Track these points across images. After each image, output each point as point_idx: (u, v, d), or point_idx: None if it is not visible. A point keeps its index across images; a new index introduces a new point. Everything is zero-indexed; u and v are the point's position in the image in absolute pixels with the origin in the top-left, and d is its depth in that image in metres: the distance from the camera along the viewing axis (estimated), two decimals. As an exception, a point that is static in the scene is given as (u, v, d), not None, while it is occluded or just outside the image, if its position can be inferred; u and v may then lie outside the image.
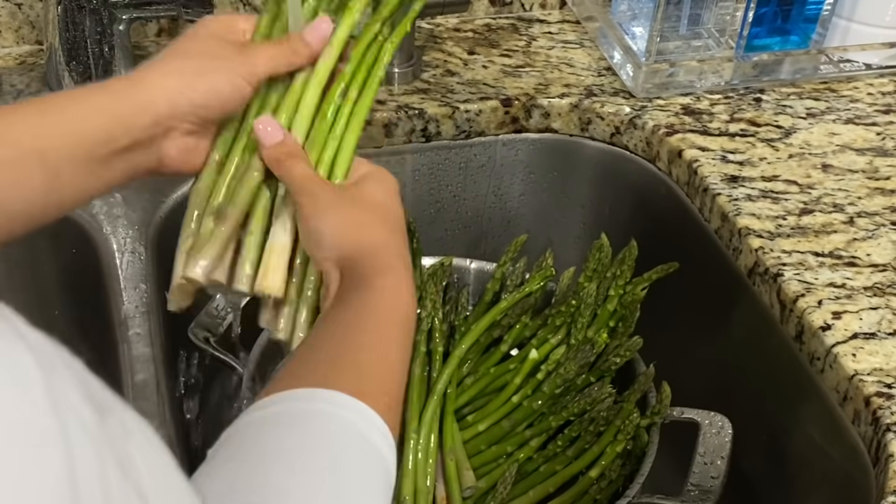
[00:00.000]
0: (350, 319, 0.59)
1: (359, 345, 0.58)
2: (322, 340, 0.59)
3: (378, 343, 0.58)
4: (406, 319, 0.61)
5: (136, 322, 0.85)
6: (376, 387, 0.55)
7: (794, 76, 1.08)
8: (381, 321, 0.59)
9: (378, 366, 0.57)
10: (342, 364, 0.56)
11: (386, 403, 0.55)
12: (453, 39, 1.13)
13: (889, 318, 0.80)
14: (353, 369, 0.56)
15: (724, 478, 0.81)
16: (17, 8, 1.03)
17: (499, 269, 0.95)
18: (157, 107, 0.64)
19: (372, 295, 0.60)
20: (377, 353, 0.58)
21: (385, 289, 0.61)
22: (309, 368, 0.56)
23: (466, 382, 0.89)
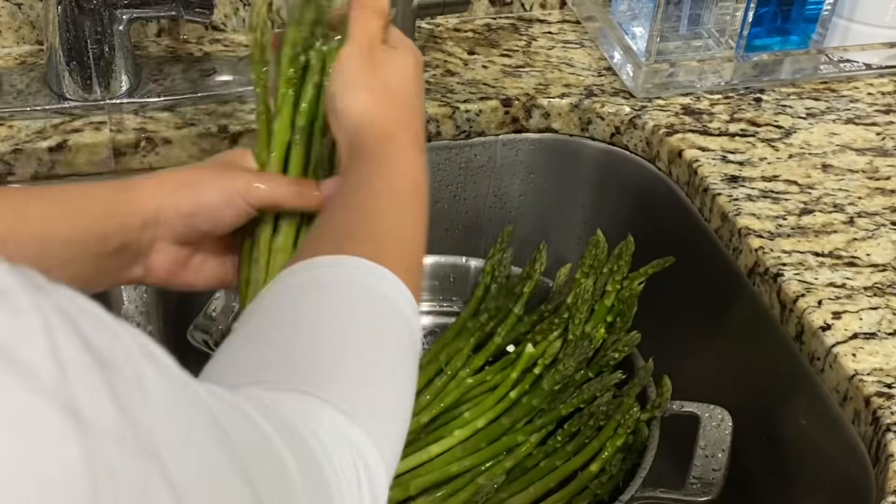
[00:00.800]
0: (360, 190, 0.60)
1: (371, 212, 0.59)
2: (336, 215, 0.60)
3: (390, 210, 0.59)
4: (414, 184, 0.62)
5: (136, 322, 0.85)
6: (393, 251, 0.56)
7: (794, 76, 1.08)
8: (390, 189, 0.60)
9: (393, 232, 0.58)
10: (357, 232, 0.57)
11: (405, 266, 0.55)
12: (453, 39, 1.13)
13: (889, 318, 0.80)
14: (368, 236, 0.57)
15: (725, 470, 0.81)
16: (17, 8, 1.03)
17: (488, 263, 0.95)
18: (146, 212, 0.64)
19: (376, 165, 0.61)
20: (390, 219, 0.59)
21: (391, 159, 0.62)
22: (325, 238, 0.57)
23: (461, 375, 0.89)
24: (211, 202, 0.65)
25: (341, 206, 0.60)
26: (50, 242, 0.61)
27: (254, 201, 0.66)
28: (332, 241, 0.57)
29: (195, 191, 0.65)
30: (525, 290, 0.93)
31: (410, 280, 0.55)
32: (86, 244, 0.63)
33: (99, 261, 0.63)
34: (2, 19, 1.03)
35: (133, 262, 0.66)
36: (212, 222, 0.66)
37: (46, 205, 0.63)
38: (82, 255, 0.62)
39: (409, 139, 0.64)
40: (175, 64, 1.03)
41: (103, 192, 0.65)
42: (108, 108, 0.96)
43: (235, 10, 1.09)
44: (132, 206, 0.64)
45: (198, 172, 0.67)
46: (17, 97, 0.96)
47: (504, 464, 0.82)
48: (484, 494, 0.80)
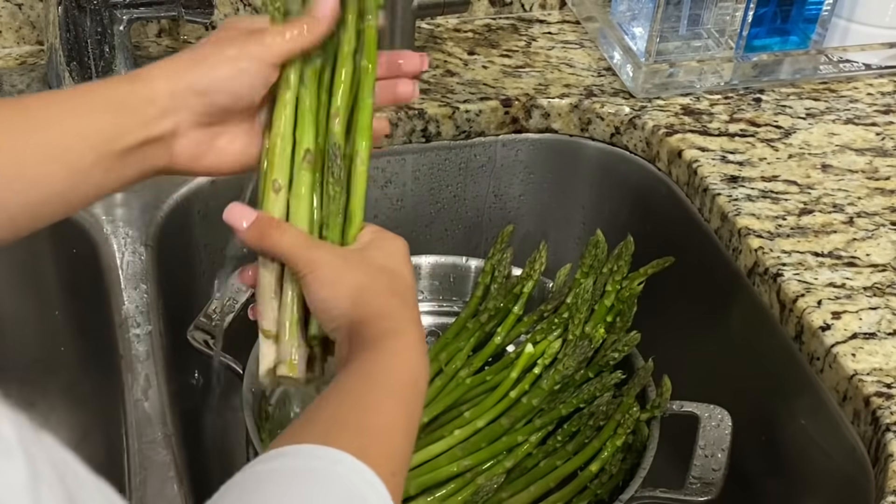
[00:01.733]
0: (357, 381, 0.57)
1: (365, 405, 0.56)
2: (328, 401, 0.57)
3: (384, 406, 0.56)
4: (414, 383, 0.59)
5: (136, 322, 0.85)
6: (380, 449, 0.54)
7: (794, 76, 1.08)
8: (388, 383, 0.57)
9: (384, 428, 0.55)
10: (347, 424, 0.55)
11: (391, 467, 0.53)
12: (453, 40, 1.13)
13: (889, 318, 0.80)
14: (357, 430, 0.54)
15: (725, 470, 0.81)
16: (18, 8, 1.03)
17: (488, 262, 0.95)
18: (160, 100, 0.62)
19: (379, 357, 0.58)
20: (383, 414, 0.56)
21: (393, 351, 0.59)
22: (313, 426, 0.54)
23: (461, 375, 0.89)
24: (224, 73, 0.63)
25: (336, 392, 0.57)
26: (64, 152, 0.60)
27: (271, 57, 0.64)
28: (320, 428, 0.54)
29: (205, 66, 0.63)
30: (525, 290, 0.93)
31: (394, 484, 0.52)
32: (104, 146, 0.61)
33: (122, 159, 0.62)
34: (2, 19, 1.03)
35: (157, 154, 0.63)
36: (230, 95, 0.64)
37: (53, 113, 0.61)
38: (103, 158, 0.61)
39: (413, 332, 0.61)
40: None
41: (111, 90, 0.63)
42: (109, 109, 0.96)
43: (235, 10, 1.09)
44: (146, 98, 0.62)
45: (204, 48, 0.64)
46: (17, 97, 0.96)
47: (504, 464, 0.82)
48: (484, 494, 0.80)
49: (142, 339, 0.84)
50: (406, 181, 1.05)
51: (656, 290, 0.92)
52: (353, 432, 0.54)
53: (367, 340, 0.59)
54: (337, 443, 0.51)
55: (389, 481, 0.52)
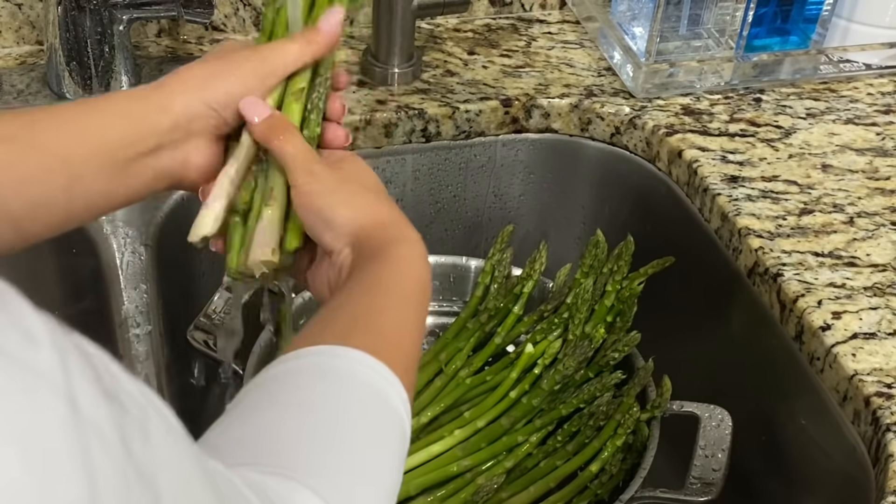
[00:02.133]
0: (368, 286, 0.60)
1: (378, 308, 0.58)
2: (343, 305, 0.59)
3: (395, 307, 0.59)
4: (422, 286, 0.62)
5: (136, 322, 0.85)
6: (394, 348, 0.56)
7: (794, 76, 1.08)
8: (398, 287, 0.60)
9: (396, 329, 0.58)
10: (361, 325, 0.57)
11: (403, 365, 0.55)
12: (453, 40, 1.13)
13: (889, 318, 0.80)
14: (371, 330, 0.57)
15: (725, 470, 0.81)
16: (17, 8, 1.03)
17: (488, 262, 0.95)
18: (174, 110, 0.64)
19: (388, 264, 0.61)
20: (395, 316, 0.58)
21: (401, 258, 0.61)
22: (328, 328, 0.57)
23: (461, 375, 0.89)
24: (234, 91, 0.65)
25: (347, 298, 0.60)
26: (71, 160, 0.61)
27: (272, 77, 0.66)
28: (335, 331, 0.56)
29: (219, 82, 0.65)
30: (525, 290, 0.93)
31: (407, 379, 0.55)
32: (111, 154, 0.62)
33: (128, 168, 0.63)
34: (2, 19, 1.03)
35: (168, 165, 0.65)
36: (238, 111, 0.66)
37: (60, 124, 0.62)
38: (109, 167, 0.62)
39: (416, 238, 0.63)
40: (175, 64, 1.02)
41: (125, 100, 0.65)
42: (108, 108, 0.96)
43: (235, 10, 1.09)
44: (157, 108, 0.64)
45: (216, 64, 0.66)
46: (17, 97, 0.96)
47: (504, 464, 0.82)
48: (484, 494, 0.80)
49: (142, 339, 0.84)
50: (406, 181, 1.05)
51: (656, 290, 0.92)
52: (367, 333, 0.56)
53: (374, 248, 0.61)
54: (353, 342, 0.54)
55: (403, 378, 0.54)
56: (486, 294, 0.95)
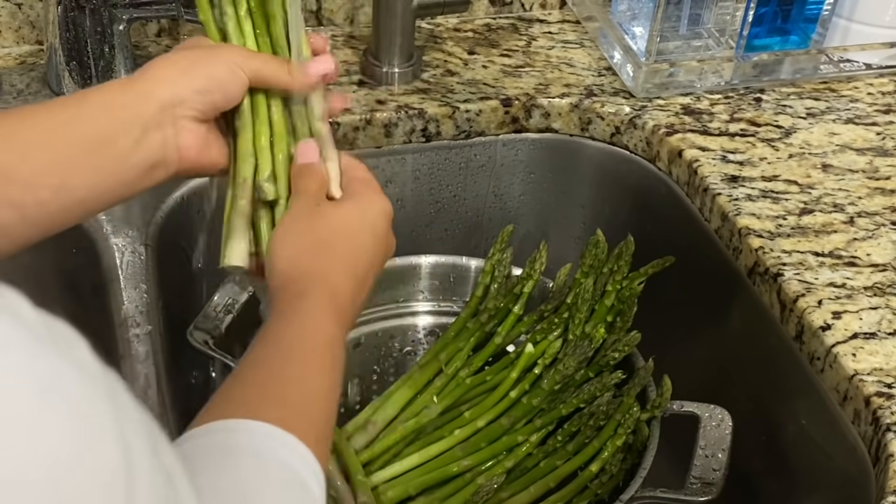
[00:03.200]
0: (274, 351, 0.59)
1: (282, 377, 0.57)
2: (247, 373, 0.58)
3: (301, 375, 0.58)
4: (329, 344, 0.61)
5: (136, 322, 0.85)
6: (300, 419, 0.55)
7: (794, 76, 1.08)
8: (303, 350, 0.59)
9: (303, 398, 0.57)
10: (266, 395, 0.56)
11: (314, 436, 0.54)
12: (453, 39, 1.13)
13: (889, 318, 0.80)
14: (277, 401, 0.56)
15: (725, 470, 0.81)
16: (17, 8, 1.03)
17: (488, 262, 0.95)
18: (159, 94, 0.64)
19: (292, 322, 0.61)
20: (301, 385, 0.58)
21: (304, 314, 0.61)
22: (236, 398, 0.56)
23: (461, 375, 0.89)
24: (221, 75, 0.66)
25: (252, 362, 0.59)
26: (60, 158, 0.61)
27: (249, 73, 0.67)
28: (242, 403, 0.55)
29: (203, 66, 0.66)
30: (525, 289, 0.93)
31: (319, 451, 0.54)
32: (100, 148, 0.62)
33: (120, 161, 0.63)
34: (2, 19, 1.03)
35: (163, 150, 0.65)
36: (224, 95, 0.67)
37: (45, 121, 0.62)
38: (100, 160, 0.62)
39: (324, 294, 0.62)
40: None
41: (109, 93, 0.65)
42: (108, 108, 0.96)
43: (235, 10, 1.09)
44: (143, 96, 0.64)
45: (197, 51, 0.68)
46: (17, 97, 0.96)
47: (504, 464, 0.82)
48: (484, 494, 0.80)
49: (142, 339, 0.84)
50: (406, 181, 1.05)
51: (656, 290, 0.92)
52: (275, 405, 0.55)
53: (283, 300, 0.62)
54: (260, 415, 0.53)
55: (315, 449, 0.53)
56: (486, 294, 0.95)
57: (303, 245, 0.65)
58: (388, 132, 1.01)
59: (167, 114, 0.65)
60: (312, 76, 0.70)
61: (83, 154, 0.62)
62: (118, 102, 0.64)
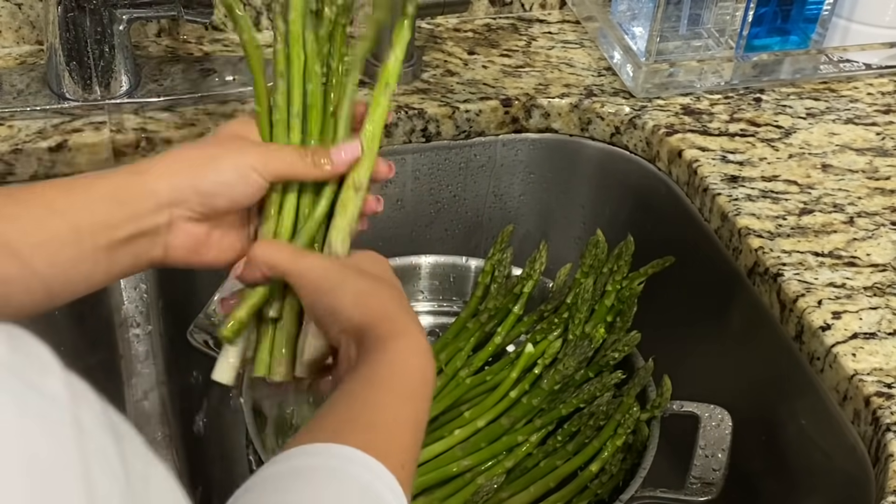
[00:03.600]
0: (365, 381, 0.59)
1: (372, 403, 0.57)
2: (338, 402, 0.58)
3: (391, 402, 0.58)
4: (423, 380, 0.60)
5: (136, 322, 0.85)
6: (388, 444, 0.55)
7: (794, 76, 1.08)
8: (395, 381, 0.59)
9: (391, 424, 0.57)
10: (354, 422, 0.56)
11: (399, 460, 0.54)
12: (453, 39, 1.13)
13: (889, 318, 0.80)
14: (365, 427, 0.55)
15: (725, 470, 0.81)
16: (17, 8, 1.03)
17: (488, 262, 0.95)
18: (159, 194, 0.63)
19: (387, 356, 0.60)
20: (390, 412, 0.57)
21: (400, 350, 0.60)
22: (322, 426, 0.56)
23: (461, 375, 0.89)
24: (227, 179, 0.64)
25: (343, 395, 0.59)
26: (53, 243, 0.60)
27: (268, 175, 0.66)
28: (328, 429, 0.55)
29: (210, 169, 0.64)
30: (525, 290, 0.93)
31: (403, 476, 0.53)
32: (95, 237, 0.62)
33: (113, 250, 0.63)
34: (2, 19, 1.03)
35: (151, 246, 0.65)
36: (229, 199, 0.65)
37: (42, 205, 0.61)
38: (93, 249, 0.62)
39: (418, 331, 0.62)
40: (175, 64, 1.03)
41: (110, 182, 0.64)
42: (108, 108, 0.96)
43: (235, 10, 1.09)
44: (143, 191, 0.63)
45: (209, 149, 0.66)
46: (17, 97, 0.96)
47: (504, 463, 0.82)
48: (484, 494, 0.80)
49: (142, 339, 0.84)
50: (406, 181, 1.05)
51: (656, 290, 0.92)
52: (361, 429, 0.55)
53: (374, 342, 0.61)
54: (346, 440, 0.53)
55: (399, 474, 0.53)
56: (486, 294, 0.95)
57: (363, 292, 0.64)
58: (387, 132, 1.01)
59: (164, 212, 0.64)
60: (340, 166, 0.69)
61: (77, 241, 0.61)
62: (119, 197, 0.63)
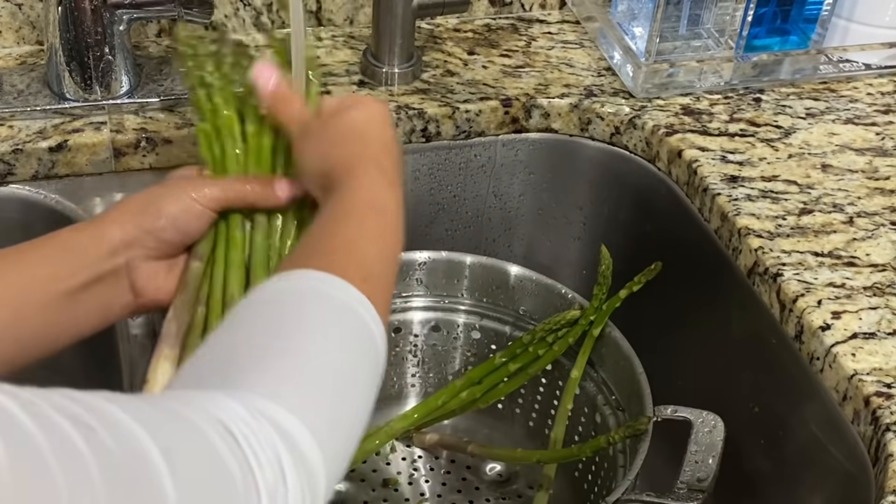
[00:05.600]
0: (323, 221, 0.62)
1: (330, 237, 0.60)
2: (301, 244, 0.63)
3: (350, 233, 0.61)
4: (381, 208, 0.63)
5: (136, 322, 0.85)
6: (346, 262, 0.57)
7: (794, 76, 1.08)
8: (351, 214, 0.62)
9: (346, 245, 0.59)
10: (311, 252, 0.59)
11: (361, 276, 0.56)
12: (453, 40, 1.13)
13: (889, 317, 0.80)
14: (320, 253, 0.59)
15: (714, 477, 0.81)
16: (18, 8, 1.03)
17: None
18: (110, 236, 0.66)
19: (338, 196, 0.63)
20: (343, 234, 0.60)
21: (351, 188, 0.63)
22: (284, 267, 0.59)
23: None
24: (172, 212, 0.67)
25: (305, 236, 0.63)
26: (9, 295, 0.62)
27: (209, 203, 0.68)
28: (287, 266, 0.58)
29: (155, 206, 0.67)
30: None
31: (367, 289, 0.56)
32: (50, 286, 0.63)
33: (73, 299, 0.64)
34: (2, 19, 1.03)
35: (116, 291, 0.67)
36: (178, 231, 0.68)
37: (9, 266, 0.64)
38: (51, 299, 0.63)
39: (375, 170, 0.65)
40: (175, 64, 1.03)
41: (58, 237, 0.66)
42: (109, 109, 0.97)
43: (235, 11, 1.09)
44: (93, 238, 0.66)
45: (155, 190, 0.69)
46: (17, 97, 0.96)
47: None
48: None
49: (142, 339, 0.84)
50: (406, 181, 1.05)
51: (656, 290, 0.92)
52: (320, 257, 0.58)
53: (331, 187, 0.65)
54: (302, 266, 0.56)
55: (362, 287, 0.56)
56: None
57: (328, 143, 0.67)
58: (388, 132, 1.01)
59: (119, 255, 0.66)
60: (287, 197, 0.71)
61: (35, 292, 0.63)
62: (70, 245, 0.65)
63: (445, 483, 0.96)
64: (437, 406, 0.91)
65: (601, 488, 0.89)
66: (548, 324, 0.92)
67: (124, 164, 0.95)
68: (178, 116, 0.97)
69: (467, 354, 1.01)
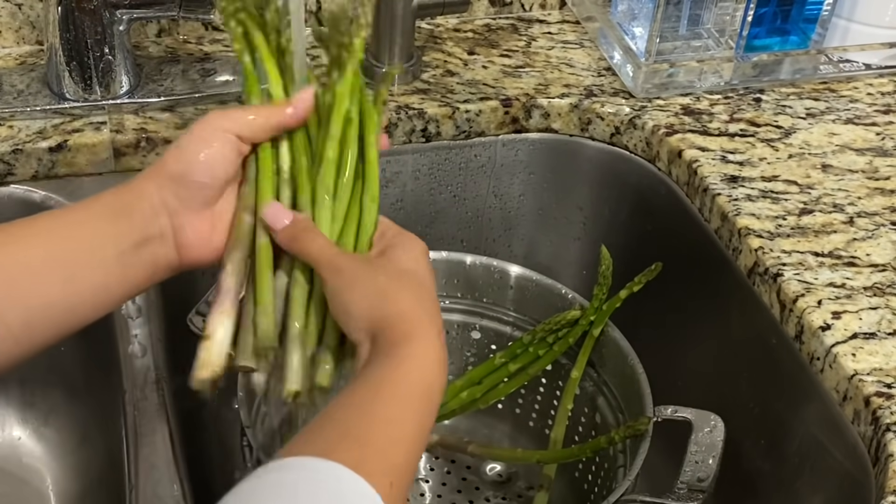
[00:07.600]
0: (367, 389, 0.57)
1: (370, 415, 0.55)
2: (336, 410, 0.56)
3: (392, 416, 0.56)
4: (428, 390, 0.58)
5: (136, 322, 0.85)
6: (379, 461, 0.53)
7: (794, 76, 1.08)
8: (399, 392, 0.57)
9: (386, 440, 0.55)
10: (348, 435, 0.54)
11: (388, 481, 0.52)
12: (453, 40, 1.13)
13: (889, 318, 0.80)
14: (357, 441, 0.53)
15: (714, 477, 0.81)
16: (18, 8, 1.03)
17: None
18: (148, 193, 0.65)
19: (393, 364, 0.58)
20: (388, 426, 0.55)
21: (408, 357, 0.58)
22: (317, 436, 0.54)
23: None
24: (196, 152, 0.65)
25: (343, 403, 0.57)
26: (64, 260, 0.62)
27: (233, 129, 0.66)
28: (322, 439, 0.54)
29: (179, 153, 0.66)
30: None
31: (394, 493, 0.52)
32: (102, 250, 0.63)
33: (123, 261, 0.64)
34: (2, 19, 1.03)
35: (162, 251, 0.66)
36: (206, 174, 0.66)
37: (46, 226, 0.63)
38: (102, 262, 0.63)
39: (433, 334, 0.60)
40: (175, 64, 1.03)
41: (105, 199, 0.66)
42: (109, 109, 0.97)
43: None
44: (134, 196, 0.65)
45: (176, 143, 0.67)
46: (17, 97, 0.96)
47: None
48: None
49: (142, 339, 0.84)
50: (406, 181, 1.05)
51: (656, 290, 0.92)
52: (354, 444, 0.53)
53: (386, 345, 0.59)
54: (336, 455, 0.51)
55: (388, 493, 0.51)
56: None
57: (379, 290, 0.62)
58: (387, 132, 1.01)
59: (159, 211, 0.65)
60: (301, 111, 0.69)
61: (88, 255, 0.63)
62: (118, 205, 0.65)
63: (445, 483, 0.96)
64: None
65: (601, 488, 0.89)
66: (548, 324, 0.91)
67: (124, 164, 0.95)
68: (177, 116, 0.97)
69: (467, 355, 1.01)
